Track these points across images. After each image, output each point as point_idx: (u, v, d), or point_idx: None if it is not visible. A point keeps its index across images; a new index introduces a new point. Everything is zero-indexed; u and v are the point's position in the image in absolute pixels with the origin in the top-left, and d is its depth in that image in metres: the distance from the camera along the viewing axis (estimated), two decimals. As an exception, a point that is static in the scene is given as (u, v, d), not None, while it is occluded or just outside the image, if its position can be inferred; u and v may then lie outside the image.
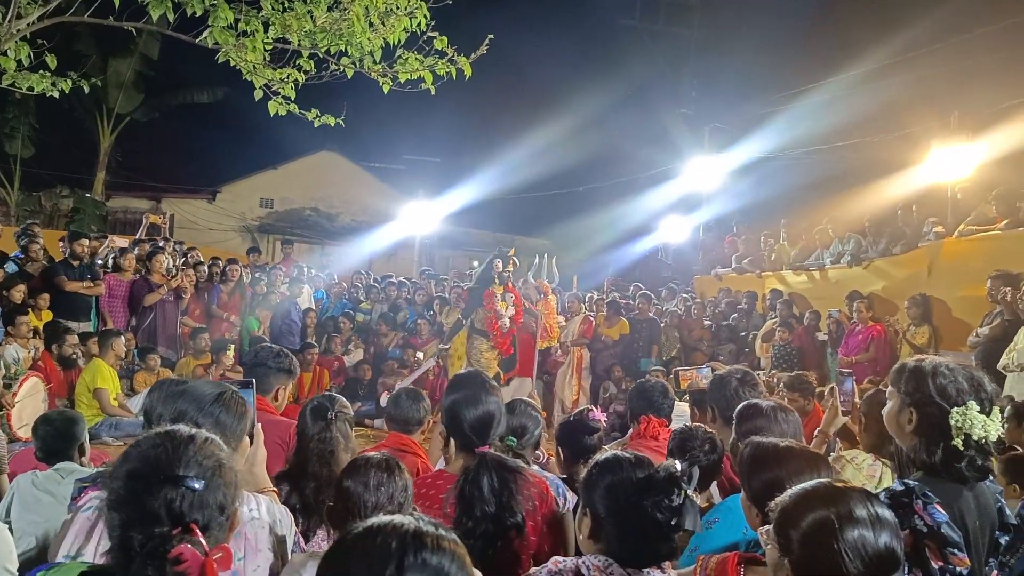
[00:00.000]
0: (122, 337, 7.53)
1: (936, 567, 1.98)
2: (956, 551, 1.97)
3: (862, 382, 8.46)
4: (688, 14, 23.30)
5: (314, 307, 10.99)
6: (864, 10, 15.70)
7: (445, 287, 11.96)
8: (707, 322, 11.60)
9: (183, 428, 1.53)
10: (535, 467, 2.97)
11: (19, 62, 8.08)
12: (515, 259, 8.50)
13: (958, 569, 1.97)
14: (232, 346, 8.76)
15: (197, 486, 1.41)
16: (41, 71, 8.32)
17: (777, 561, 1.71)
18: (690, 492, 1.94)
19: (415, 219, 20.80)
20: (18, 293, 7.66)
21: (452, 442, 2.62)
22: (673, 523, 1.89)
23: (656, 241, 19.39)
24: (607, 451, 2.09)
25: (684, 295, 13.14)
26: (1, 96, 9.60)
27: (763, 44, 17.75)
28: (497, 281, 8.25)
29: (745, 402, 2.78)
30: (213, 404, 2.09)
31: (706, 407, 3.28)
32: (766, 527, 1.77)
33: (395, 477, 2.29)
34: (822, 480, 1.76)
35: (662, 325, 11.37)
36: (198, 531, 1.38)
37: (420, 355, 10.42)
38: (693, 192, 17.97)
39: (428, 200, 20.83)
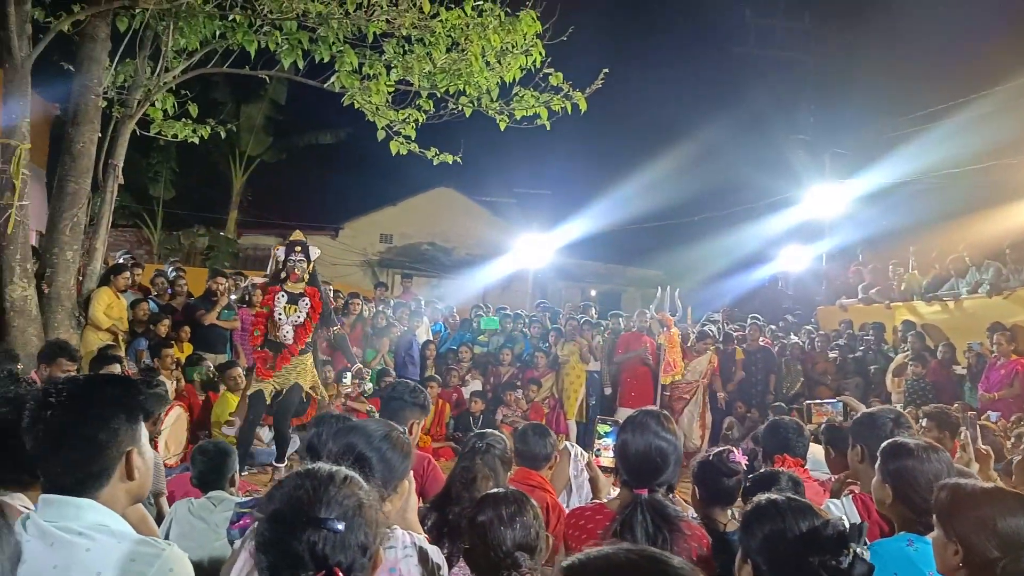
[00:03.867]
0: (238, 368, 7.92)
1: None
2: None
3: (1007, 419, 7.93)
4: (803, 39, 22.81)
5: (433, 339, 11.23)
6: (999, 30, 14.92)
7: (561, 319, 11.99)
8: (832, 354, 11.15)
9: (323, 466, 1.53)
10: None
11: (165, 111, 8.78)
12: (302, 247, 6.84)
13: None
14: (350, 374, 9.03)
15: (339, 527, 1.41)
16: (184, 119, 9.01)
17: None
18: (859, 550, 1.87)
19: (528, 252, 21.00)
20: (163, 327, 8.19)
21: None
22: None
23: (774, 270, 18.85)
24: (768, 496, 2.01)
25: (807, 327, 12.70)
26: (147, 143, 10.38)
27: (885, 67, 17.14)
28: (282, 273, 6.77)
29: (891, 440, 2.64)
30: (382, 440, 2.16)
31: (845, 445, 3.13)
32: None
33: (526, 509, 2.29)
34: None
35: (783, 359, 11.01)
36: (341, 573, 1.38)
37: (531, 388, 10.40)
38: (813, 220, 17.41)
39: (541, 233, 21.02)
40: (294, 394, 6.72)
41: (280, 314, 6.59)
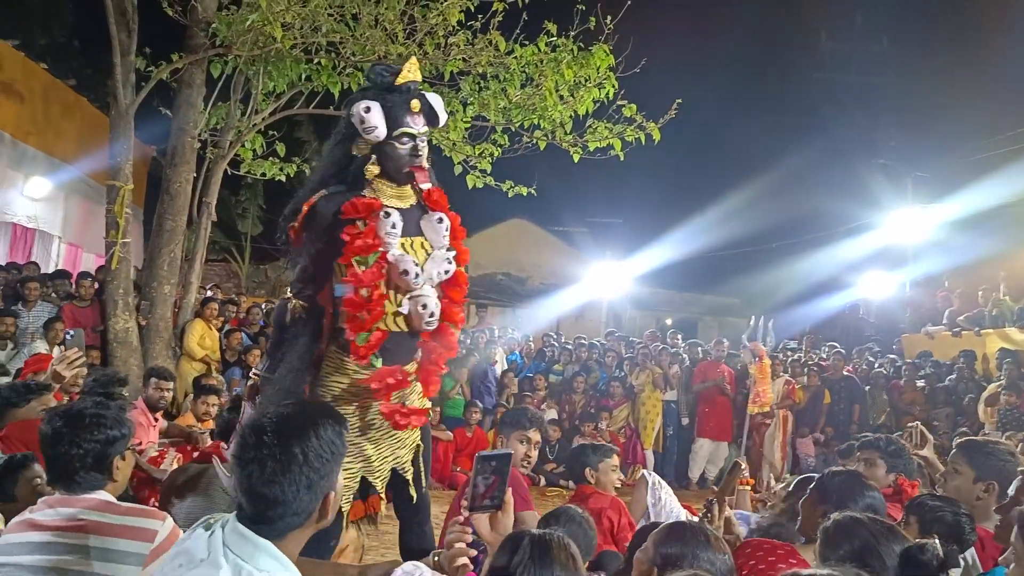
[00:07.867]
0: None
1: None
2: None
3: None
4: (881, 62, 22.40)
5: (510, 368, 11.34)
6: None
7: (635, 349, 11.96)
8: (920, 383, 10.80)
9: None
10: None
11: (254, 151, 9.22)
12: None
13: None
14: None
15: None
16: (271, 158, 9.43)
17: None
18: None
19: (601, 280, 20.98)
20: (253, 357, 8.55)
21: None
22: None
23: (853, 297, 18.37)
24: (848, 513, 1.98)
25: (892, 355, 12.35)
26: (236, 181, 10.88)
27: (967, 89, 16.69)
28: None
29: None
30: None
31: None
32: None
33: None
34: None
35: (867, 387, 10.73)
36: None
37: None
38: (896, 245, 16.95)
39: (614, 261, 20.99)
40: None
41: (402, 259, 2.95)
